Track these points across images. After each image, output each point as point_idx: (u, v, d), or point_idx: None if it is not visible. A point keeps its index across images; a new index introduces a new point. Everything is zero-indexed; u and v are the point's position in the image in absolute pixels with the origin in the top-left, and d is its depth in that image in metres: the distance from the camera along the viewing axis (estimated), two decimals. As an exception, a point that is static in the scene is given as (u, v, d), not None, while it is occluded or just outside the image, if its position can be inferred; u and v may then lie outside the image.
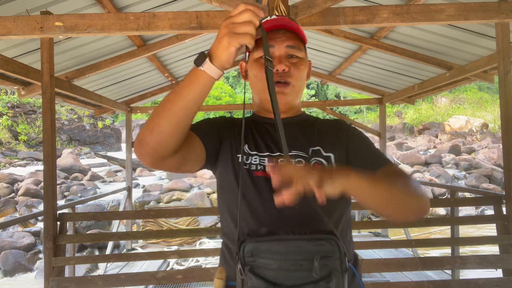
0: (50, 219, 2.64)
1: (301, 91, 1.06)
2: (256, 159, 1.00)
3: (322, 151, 1.00)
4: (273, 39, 0.99)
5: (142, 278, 2.59)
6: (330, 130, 1.07)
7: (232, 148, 1.03)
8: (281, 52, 0.99)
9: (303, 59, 1.03)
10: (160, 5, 3.31)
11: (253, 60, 1.02)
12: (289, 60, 1.00)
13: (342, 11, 2.47)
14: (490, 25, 3.04)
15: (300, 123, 1.08)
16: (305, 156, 0.99)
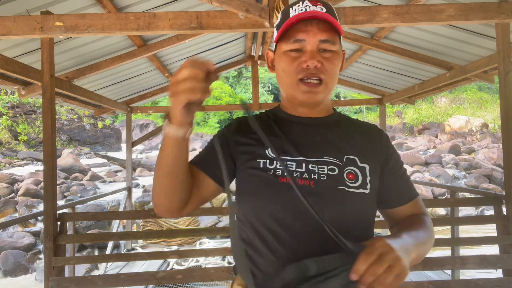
0: (50, 219, 2.64)
1: (333, 87, 0.96)
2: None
3: (357, 161, 0.92)
4: (304, 32, 0.89)
5: (142, 278, 2.59)
6: (368, 137, 0.98)
7: (250, 153, 0.94)
8: (313, 47, 0.89)
9: (337, 52, 0.92)
10: (160, 5, 3.31)
11: (281, 53, 0.93)
12: (321, 55, 0.90)
13: (342, 11, 2.47)
14: (490, 25, 3.04)
15: (335, 125, 0.99)
16: (339, 164, 0.90)
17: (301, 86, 0.91)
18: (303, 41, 0.89)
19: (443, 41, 3.68)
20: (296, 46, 0.90)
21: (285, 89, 0.96)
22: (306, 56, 0.89)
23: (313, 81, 0.90)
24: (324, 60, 0.90)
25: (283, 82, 0.95)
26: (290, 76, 0.91)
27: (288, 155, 0.91)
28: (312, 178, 0.87)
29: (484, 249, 6.04)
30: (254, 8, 2.43)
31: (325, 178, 0.87)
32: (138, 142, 6.13)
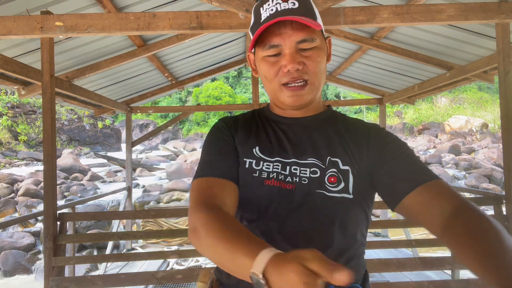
0: (50, 219, 2.64)
1: (321, 84, 0.89)
2: (269, 166, 0.86)
3: (340, 163, 0.85)
4: (279, 35, 0.83)
5: (142, 278, 2.59)
6: (356, 137, 0.90)
7: (239, 151, 0.90)
8: (291, 49, 0.83)
9: (318, 47, 0.85)
10: (160, 5, 3.31)
11: (260, 58, 0.88)
12: (301, 54, 0.84)
13: (342, 11, 2.47)
14: (490, 25, 3.04)
15: (322, 124, 0.93)
16: (322, 166, 0.85)
17: (284, 91, 0.86)
18: (279, 46, 0.83)
19: (443, 41, 3.68)
20: (272, 52, 0.85)
21: (270, 94, 0.92)
22: (285, 60, 0.83)
23: (297, 84, 0.85)
24: (305, 60, 0.84)
25: (266, 87, 0.91)
26: (272, 82, 0.87)
27: (275, 156, 0.87)
28: (293, 182, 0.83)
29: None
30: (254, 8, 2.43)
31: (306, 181, 0.83)
32: (138, 142, 6.13)
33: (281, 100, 0.88)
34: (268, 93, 0.93)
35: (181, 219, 6.13)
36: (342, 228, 0.83)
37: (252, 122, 0.97)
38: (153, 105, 14.73)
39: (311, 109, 0.93)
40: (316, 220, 0.81)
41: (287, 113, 0.94)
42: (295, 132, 0.92)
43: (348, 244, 0.84)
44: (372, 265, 2.64)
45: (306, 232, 0.80)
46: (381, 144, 0.87)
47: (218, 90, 27.49)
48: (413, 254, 4.58)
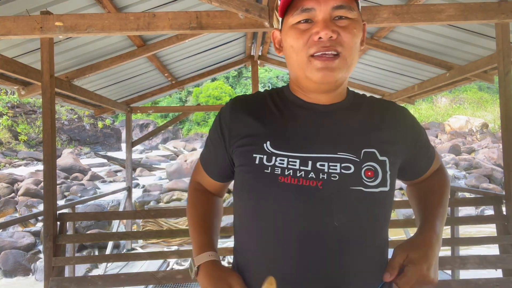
0: (50, 219, 2.64)
1: (354, 64, 0.78)
2: (283, 161, 0.76)
3: (377, 154, 0.77)
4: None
5: (142, 278, 2.59)
6: (393, 122, 0.84)
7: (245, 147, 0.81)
8: (326, 15, 0.74)
9: (356, 20, 0.76)
10: (160, 5, 3.31)
11: (288, 27, 0.78)
12: (336, 23, 0.74)
13: (342, 11, 2.47)
14: (490, 25, 3.04)
15: (350, 111, 0.83)
16: (356, 160, 0.76)
17: (314, 63, 0.74)
18: (312, 9, 0.74)
19: (443, 41, 3.68)
20: (304, 17, 0.75)
21: (295, 70, 0.80)
22: (317, 27, 0.73)
23: (328, 55, 0.74)
24: (340, 30, 0.74)
25: (292, 61, 0.79)
26: (300, 53, 0.75)
27: (292, 150, 0.76)
28: (320, 178, 0.74)
29: (484, 249, 6.04)
30: (254, 8, 2.43)
31: (336, 178, 0.74)
32: (138, 142, 6.13)
33: (307, 74, 0.76)
34: (292, 68, 0.81)
35: (181, 219, 6.13)
36: (382, 225, 0.80)
37: (264, 106, 0.85)
38: (153, 105, 14.73)
39: (337, 95, 0.83)
40: (353, 220, 0.74)
41: (311, 98, 0.82)
42: (319, 122, 0.81)
43: (385, 241, 0.83)
44: (372, 265, 2.63)
45: (340, 233, 0.73)
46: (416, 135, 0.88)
47: (218, 90, 27.48)
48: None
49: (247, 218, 0.81)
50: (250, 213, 0.80)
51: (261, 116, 0.83)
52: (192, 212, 0.96)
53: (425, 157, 0.93)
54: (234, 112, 0.85)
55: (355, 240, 0.75)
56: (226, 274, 0.80)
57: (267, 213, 0.76)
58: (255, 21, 2.50)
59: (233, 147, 0.83)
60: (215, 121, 0.89)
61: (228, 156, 0.87)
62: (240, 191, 0.83)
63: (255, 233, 0.79)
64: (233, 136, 0.83)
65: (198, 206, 0.96)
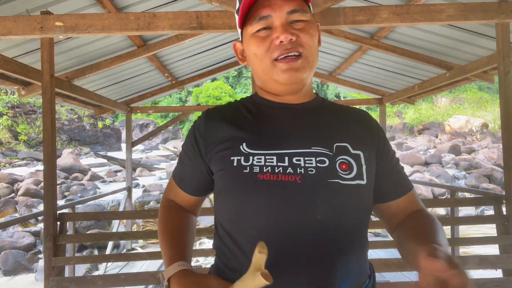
0: (50, 219, 2.64)
1: (315, 63, 0.82)
2: (261, 159, 0.77)
3: (350, 148, 0.80)
4: (268, 7, 0.78)
5: (142, 278, 2.59)
6: (358, 122, 0.87)
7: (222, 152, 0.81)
8: (283, 20, 0.78)
9: (310, 21, 0.81)
10: (160, 5, 3.31)
11: (249, 36, 0.82)
12: (293, 27, 0.78)
13: (342, 11, 2.47)
14: (490, 25, 3.04)
15: (320, 110, 0.87)
16: (329, 154, 0.78)
17: (278, 65, 0.78)
18: (269, 16, 0.78)
19: (443, 41, 3.68)
20: (263, 25, 0.79)
21: (261, 75, 0.83)
22: (277, 32, 0.77)
23: (291, 57, 0.78)
24: (298, 32, 0.78)
25: (256, 68, 0.83)
26: (264, 59, 0.79)
27: (268, 148, 0.78)
28: (298, 173, 0.75)
29: (484, 249, 6.04)
30: (254, 8, 2.43)
31: (313, 171, 0.75)
32: (138, 142, 6.13)
33: (274, 78, 0.80)
34: (258, 75, 0.85)
35: (181, 219, 6.11)
36: (360, 217, 0.80)
37: (236, 113, 0.88)
38: (153, 105, 14.73)
39: (305, 95, 0.87)
40: (334, 212, 0.75)
41: (280, 99, 0.86)
42: (290, 119, 0.84)
43: (365, 232, 0.83)
44: (372, 265, 2.64)
45: (323, 225, 0.74)
46: (382, 137, 0.88)
47: (218, 90, 27.48)
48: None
49: (231, 219, 0.80)
50: (233, 214, 0.80)
51: (234, 121, 0.85)
52: (162, 228, 0.89)
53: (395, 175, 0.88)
54: (208, 121, 0.87)
55: (339, 233, 0.75)
56: (202, 278, 0.75)
57: (250, 211, 0.76)
58: (255, 21, 2.50)
59: (210, 154, 0.84)
60: (188, 135, 0.91)
61: (206, 166, 0.86)
62: (221, 195, 0.83)
63: (241, 232, 0.78)
64: (209, 144, 0.84)
65: (169, 220, 0.90)
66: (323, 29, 3.33)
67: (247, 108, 0.88)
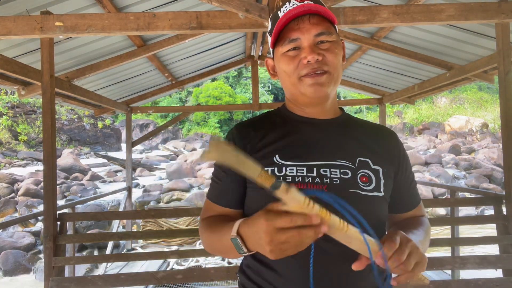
0: (50, 219, 2.64)
1: (339, 79, 0.91)
2: (293, 170, 0.85)
3: (370, 163, 0.89)
4: (297, 30, 0.87)
5: (142, 278, 2.59)
6: (381, 139, 0.96)
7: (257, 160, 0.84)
8: (310, 42, 0.87)
9: (336, 42, 0.90)
10: (160, 5, 3.31)
11: (280, 55, 0.91)
12: (320, 47, 0.87)
13: (342, 11, 2.47)
14: (490, 25, 3.04)
15: (345, 126, 0.96)
16: (352, 167, 0.87)
17: (305, 80, 0.87)
18: (298, 39, 0.87)
19: (443, 41, 3.68)
20: (292, 46, 0.88)
21: (290, 89, 0.93)
22: (305, 52, 0.86)
23: (317, 73, 0.87)
24: (324, 52, 0.87)
25: (286, 83, 0.93)
26: (292, 75, 0.89)
27: (298, 160, 0.87)
28: (324, 183, 0.84)
29: (483, 249, 6.04)
30: (254, 8, 2.43)
31: (338, 182, 0.84)
32: (138, 142, 6.13)
33: (301, 91, 0.89)
34: (287, 89, 0.94)
35: (181, 219, 6.13)
36: (377, 225, 0.85)
37: (268, 125, 0.95)
38: (153, 105, 14.73)
39: (330, 110, 0.96)
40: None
41: (306, 113, 0.95)
42: (318, 133, 0.92)
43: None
44: (372, 265, 2.63)
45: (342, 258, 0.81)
46: (402, 154, 0.97)
47: (218, 90, 27.48)
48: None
49: None
50: None
51: (266, 133, 0.93)
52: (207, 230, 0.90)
53: (411, 190, 0.98)
54: (240, 133, 0.94)
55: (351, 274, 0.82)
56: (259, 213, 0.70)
57: None
58: (255, 21, 2.50)
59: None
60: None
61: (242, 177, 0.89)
62: (253, 205, 0.88)
63: None
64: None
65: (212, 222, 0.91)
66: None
67: (277, 121, 0.97)
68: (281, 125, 0.95)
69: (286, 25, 0.89)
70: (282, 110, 1.00)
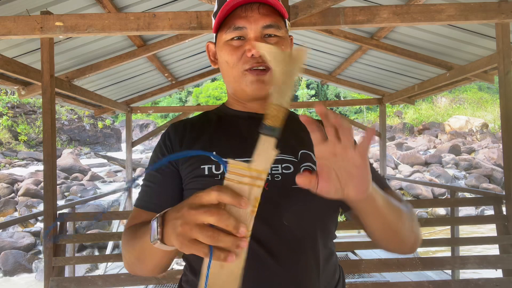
0: (50, 219, 2.64)
1: None
2: None
3: (313, 156, 0.82)
4: (244, 18, 0.80)
5: (142, 278, 2.59)
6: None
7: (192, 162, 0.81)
8: (257, 34, 0.81)
9: (284, 37, 0.84)
10: (160, 5, 3.31)
11: (222, 43, 0.84)
12: (266, 41, 0.82)
13: (342, 11, 2.47)
14: (490, 25, 3.04)
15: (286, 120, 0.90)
16: (295, 161, 0.82)
17: (247, 76, 0.82)
18: (244, 28, 0.81)
19: (443, 41, 3.68)
20: (237, 34, 0.82)
21: (231, 83, 0.87)
22: (249, 44, 0.80)
23: (260, 69, 0.81)
24: None
25: (227, 75, 0.86)
26: (235, 67, 0.83)
27: (236, 156, 0.77)
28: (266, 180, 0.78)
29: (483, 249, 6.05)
30: (254, 8, 2.43)
31: (279, 178, 0.79)
32: (138, 142, 6.13)
33: (242, 87, 0.84)
34: (228, 82, 0.88)
35: (181, 219, 6.11)
36: (322, 221, 0.81)
37: (204, 124, 0.91)
38: (153, 105, 14.73)
39: None
40: (301, 218, 0.77)
41: (247, 108, 0.90)
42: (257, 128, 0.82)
43: (331, 237, 0.84)
44: (372, 265, 2.64)
45: (291, 232, 0.75)
46: None
47: (218, 90, 27.49)
48: (413, 254, 4.58)
49: None
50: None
51: (202, 131, 0.88)
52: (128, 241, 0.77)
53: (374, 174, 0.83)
54: (176, 132, 0.89)
55: (304, 237, 0.76)
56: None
57: None
58: (255, 21, 2.50)
59: (180, 165, 0.84)
60: (155, 151, 0.89)
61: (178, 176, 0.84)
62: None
63: None
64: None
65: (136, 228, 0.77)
66: (323, 29, 3.33)
67: (214, 118, 0.92)
68: (219, 122, 0.90)
69: (233, 10, 0.82)
70: (220, 108, 0.96)
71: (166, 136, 0.89)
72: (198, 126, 0.90)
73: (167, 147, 0.87)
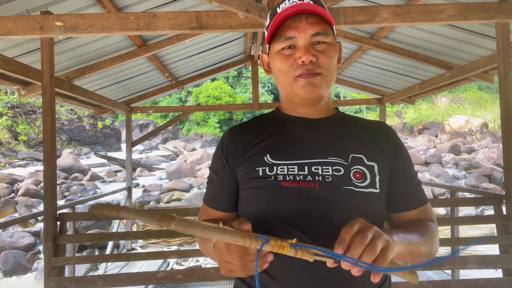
0: (50, 219, 2.64)
1: (333, 81, 0.91)
2: (284, 169, 0.86)
3: (364, 159, 0.87)
4: (294, 29, 0.86)
5: (142, 278, 2.59)
6: (377, 135, 0.94)
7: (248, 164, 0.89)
8: (306, 42, 0.86)
9: (331, 44, 0.89)
10: (160, 5, 3.31)
11: (274, 53, 0.90)
12: (315, 48, 0.87)
13: (342, 11, 2.47)
14: (490, 25, 3.04)
15: (338, 124, 0.95)
16: (345, 164, 0.86)
17: (299, 81, 0.87)
18: (294, 38, 0.86)
19: (443, 41, 3.68)
20: (287, 44, 0.87)
21: (284, 88, 0.93)
22: (299, 52, 0.86)
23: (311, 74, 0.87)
24: (319, 54, 0.87)
25: (280, 81, 0.92)
26: (287, 74, 0.88)
27: (289, 159, 0.87)
28: (316, 180, 0.83)
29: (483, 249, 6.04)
30: (254, 8, 2.43)
31: (330, 179, 0.84)
32: (138, 142, 6.13)
33: (295, 91, 0.89)
34: (281, 88, 0.94)
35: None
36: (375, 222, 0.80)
37: (260, 127, 0.96)
38: (153, 105, 14.73)
39: (324, 110, 0.95)
40: (348, 215, 0.77)
41: (299, 113, 0.95)
42: (310, 132, 0.92)
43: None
44: (372, 265, 2.63)
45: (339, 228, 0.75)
46: (399, 149, 0.94)
47: (218, 90, 27.49)
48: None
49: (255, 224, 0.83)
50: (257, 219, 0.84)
51: (257, 134, 0.94)
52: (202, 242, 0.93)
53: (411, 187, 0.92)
54: (232, 136, 0.96)
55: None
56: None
57: (274, 216, 0.84)
58: (255, 21, 2.50)
59: (236, 167, 0.92)
60: (214, 154, 0.98)
61: (234, 178, 0.93)
62: (246, 203, 0.90)
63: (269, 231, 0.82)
64: (235, 158, 0.93)
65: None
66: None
67: (269, 122, 0.98)
68: (273, 125, 0.96)
69: (283, 22, 0.88)
70: (275, 112, 1.01)
71: (223, 140, 0.97)
72: (254, 130, 0.96)
73: (223, 151, 0.95)
